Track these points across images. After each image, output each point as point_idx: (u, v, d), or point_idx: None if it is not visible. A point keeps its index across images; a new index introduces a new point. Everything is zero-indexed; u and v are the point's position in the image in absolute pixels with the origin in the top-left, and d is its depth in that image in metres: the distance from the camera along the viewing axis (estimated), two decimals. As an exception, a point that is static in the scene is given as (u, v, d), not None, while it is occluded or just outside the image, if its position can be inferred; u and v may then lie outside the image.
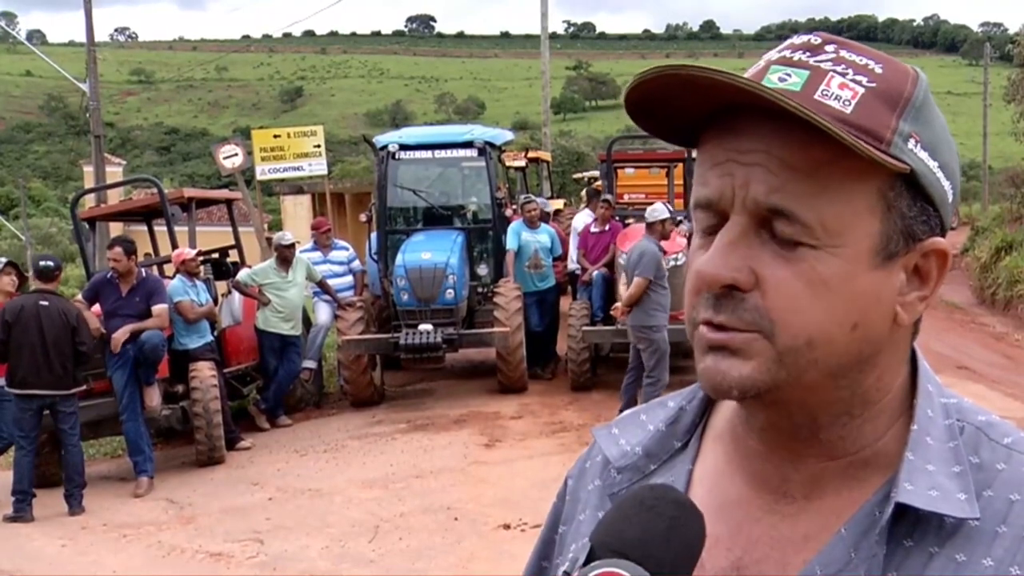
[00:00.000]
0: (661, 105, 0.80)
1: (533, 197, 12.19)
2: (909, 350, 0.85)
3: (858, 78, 0.77)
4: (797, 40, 0.81)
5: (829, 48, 0.79)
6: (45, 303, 7.48)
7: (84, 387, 7.77)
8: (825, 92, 0.76)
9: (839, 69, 0.77)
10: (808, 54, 0.79)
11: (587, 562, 0.74)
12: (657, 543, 0.73)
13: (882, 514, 0.78)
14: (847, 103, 0.76)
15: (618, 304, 8.54)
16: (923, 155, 0.78)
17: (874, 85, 0.77)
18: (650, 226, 8.40)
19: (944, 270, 0.81)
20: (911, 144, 0.77)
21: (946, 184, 0.80)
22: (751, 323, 0.77)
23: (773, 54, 0.81)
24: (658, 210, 8.51)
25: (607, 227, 10.83)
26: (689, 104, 0.79)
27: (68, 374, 7.51)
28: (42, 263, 7.87)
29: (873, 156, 0.74)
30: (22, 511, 7.42)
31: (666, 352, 8.37)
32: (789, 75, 0.77)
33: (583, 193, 15.46)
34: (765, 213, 0.77)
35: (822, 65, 0.78)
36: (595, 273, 10.54)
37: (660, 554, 0.73)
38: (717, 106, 0.78)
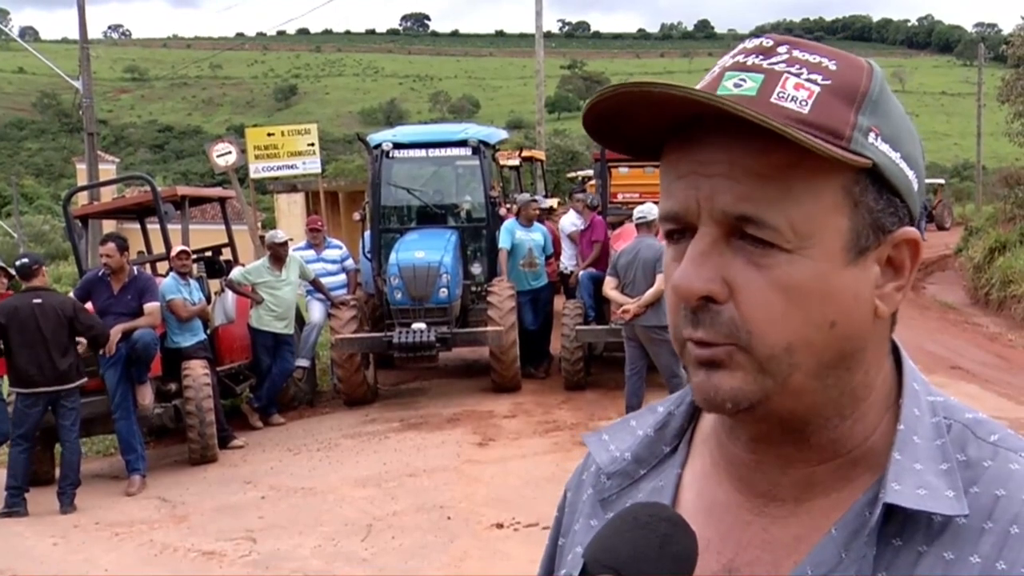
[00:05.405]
0: (621, 122, 0.80)
1: (537, 197, 12.29)
2: (889, 343, 0.85)
3: (813, 77, 0.77)
4: (749, 44, 0.81)
5: (781, 50, 0.79)
6: (39, 300, 7.48)
7: (86, 379, 7.74)
8: (781, 94, 0.76)
9: (793, 70, 0.77)
10: (761, 57, 0.78)
11: None
12: (650, 560, 0.74)
13: (871, 514, 0.78)
14: (804, 103, 0.75)
15: (628, 306, 7.87)
16: (884, 147, 0.78)
17: (829, 82, 0.77)
18: (647, 225, 8.29)
19: (917, 258, 0.81)
20: (871, 138, 0.77)
21: (910, 173, 0.80)
22: (728, 336, 0.77)
23: (727, 59, 0.81)
24: (650, 211, 8.44)
25: (585, 223, 11.04)
26: (648, 119, 0.78)
27: (71, 368, 7.52)
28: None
29: (834, 155, 0.74)
30: (17, 505, 7.41)
31: None
32: (744, 80, 0.77)
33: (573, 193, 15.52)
34: (733, 221, 0.76)
35: (776, 67, 0.77)
36: (581, 273, 10.63)
37: (652, 571, 0.73)
38: (676, 119, 0.78)
